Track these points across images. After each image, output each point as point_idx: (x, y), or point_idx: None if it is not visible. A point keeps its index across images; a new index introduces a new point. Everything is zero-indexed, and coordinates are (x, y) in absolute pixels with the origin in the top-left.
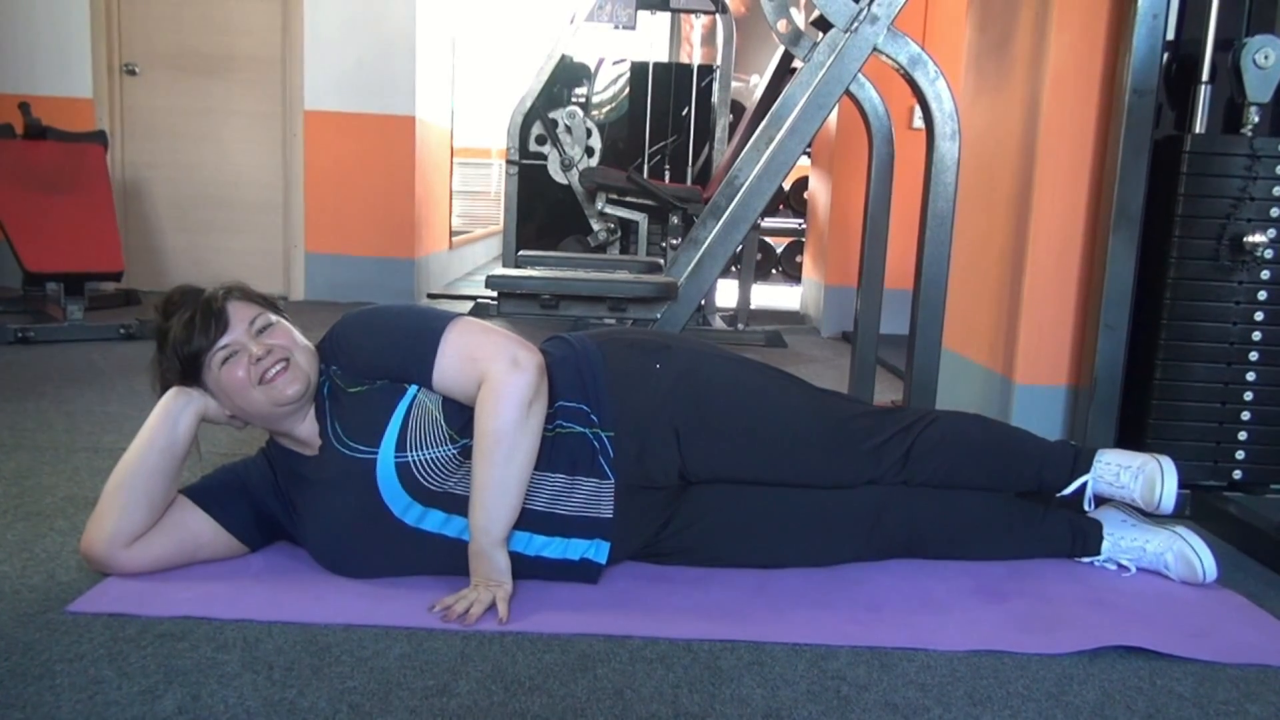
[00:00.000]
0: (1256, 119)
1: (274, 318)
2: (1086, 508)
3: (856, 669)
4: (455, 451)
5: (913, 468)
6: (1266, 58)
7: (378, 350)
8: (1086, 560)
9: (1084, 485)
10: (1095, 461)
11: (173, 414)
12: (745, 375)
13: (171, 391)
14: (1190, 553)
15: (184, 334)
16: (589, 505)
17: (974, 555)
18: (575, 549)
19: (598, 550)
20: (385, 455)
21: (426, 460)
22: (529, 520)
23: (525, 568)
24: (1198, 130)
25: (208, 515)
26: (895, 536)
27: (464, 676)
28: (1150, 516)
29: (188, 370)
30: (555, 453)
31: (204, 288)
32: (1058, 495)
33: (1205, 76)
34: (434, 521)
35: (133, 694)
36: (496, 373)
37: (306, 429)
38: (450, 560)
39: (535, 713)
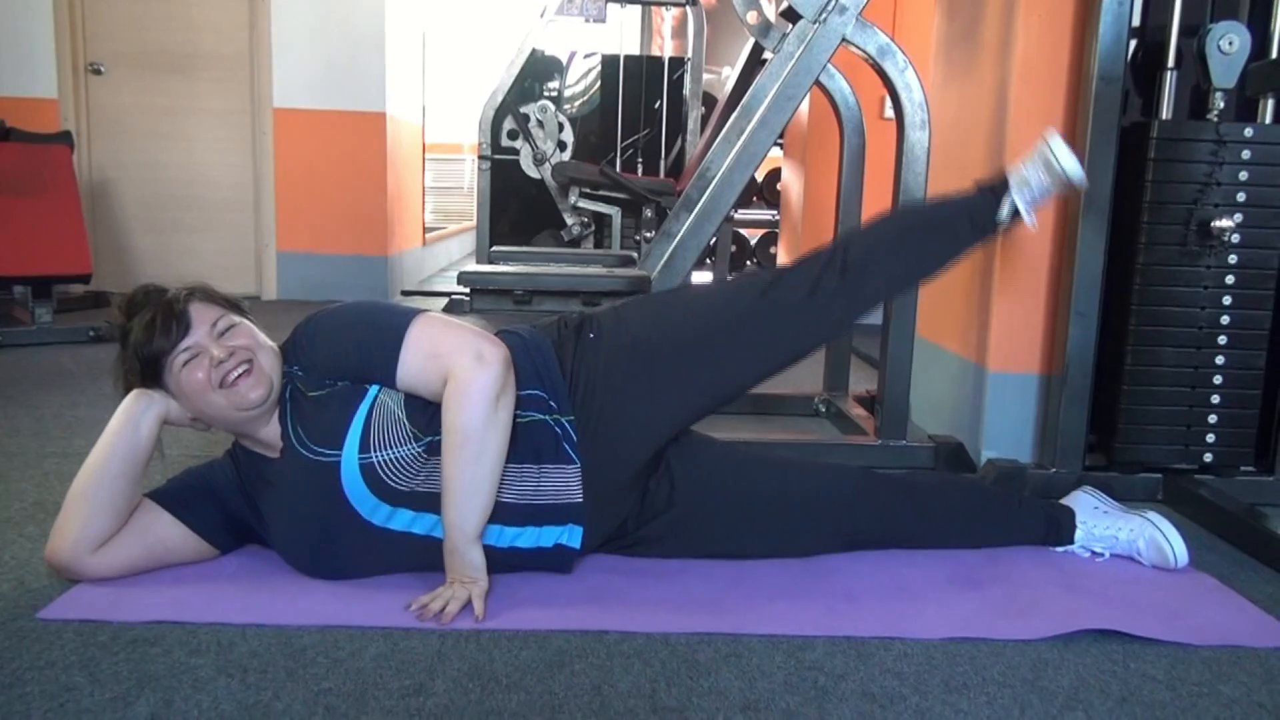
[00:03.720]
0: (1222, 104)
1: (237, 319)
2: (1026, 219)
3: (834, 659)
4: (420, 450)
5: (855, 289)
6: (1230, 43)
7: (341, 350)
8: (1061, 549)
9: (1014, 206)
10: (1013, 176)
11: (134, 417)
12: (665, 304)
13: (133, 394)
14: (1161, 539)
15: (144, 336)
16: (558, 491)
17: (948, 544)
18: (548, 536)
19: (571, 535)
20: (349, 457)
21: (391, 460)
22: (499, 513)
23: (499, 559)
24: (1164, 116)
25: (175, 518)
26: (868, 526)
27: (441, 675)
28: (1123, 501)
29: (148, 372)
30: (519, 442)
31: (167, 288)
32: (999, 227)
33: (1171, 63)
34: (402, 520)
35: (105, 701)
36: (461, 369)
37: (269, 432)
38: (422, 558)
39: (513, 710)
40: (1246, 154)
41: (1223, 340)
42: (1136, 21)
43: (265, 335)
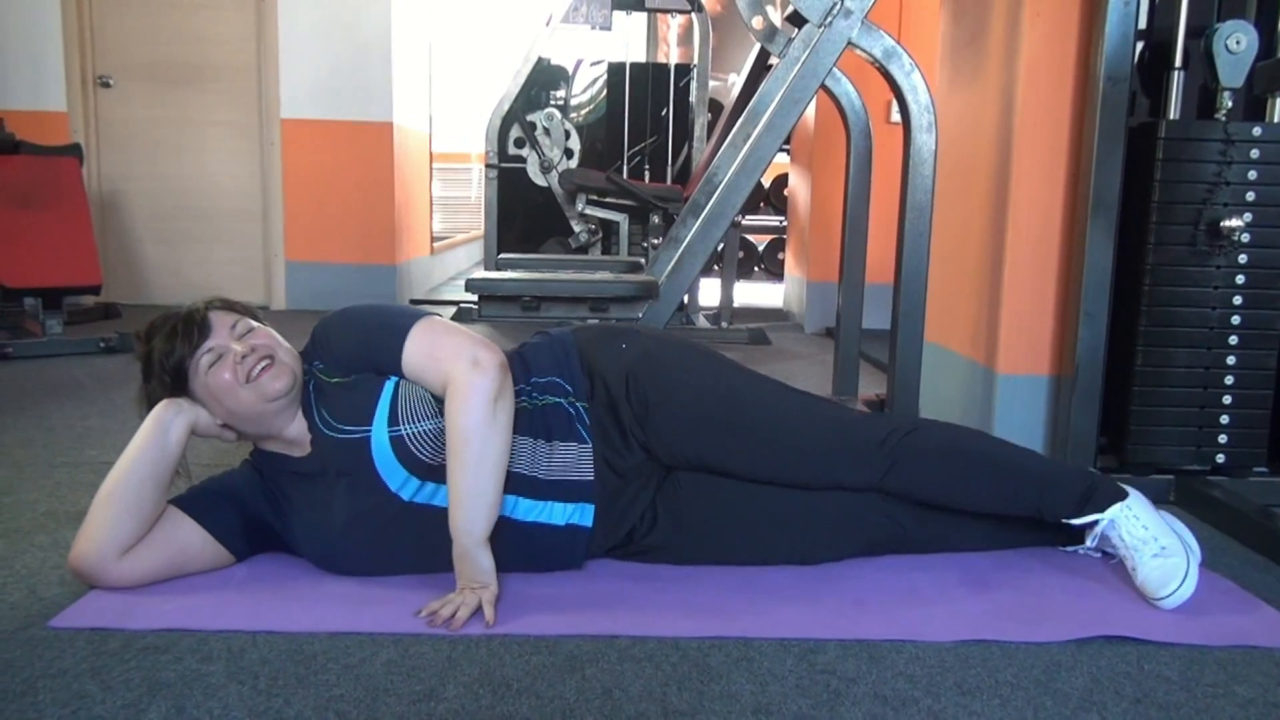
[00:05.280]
0: (1230, 104)
1: (254, 323)
2: (1088, 544)
3: (845, 662)
4: (444, 425)
5: (895, 475)
6: (1238, 42)
7: (350, 349)
8: (1070, 549)
9: (1094, 523)
10: (1123, 506)
11: (164, 423)
12: (708, 364)
13: (162, 403)
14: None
15: (167, 346)
16: (570, 469)
17: (958, 545)
18: (560, 513)
19: (582, 514)
20: (379, 432)
21: (420, 433)
22: (513, 483)
23: (512, 534)
24: (1172, 116)
25: (196, 524)
26: (879, 531)
27: (451, 681)
28: None
29: (176, 381)
30: (534, 421)
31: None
32: (1063, 522)
33: (1178, 63)
34: (427, 493)
35: (117, 708)
36: (458, 374)
37: (297, 428)
38: (446, 535)
39: (524, 715)
40: (1255, 153)
41: (1234, 340)
42: (1143, 22)
43: (282, 339)
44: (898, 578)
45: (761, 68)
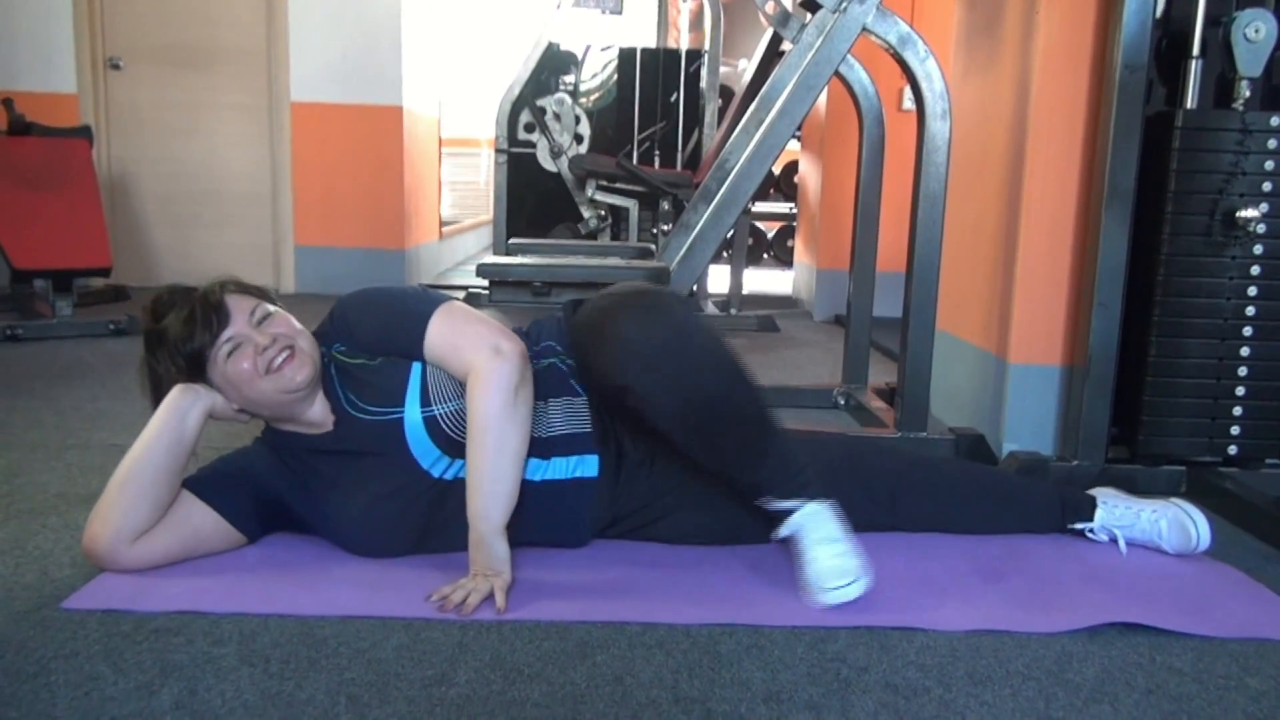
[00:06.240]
0: (1247, 93)
1: (271, 308)
2: (781, 534)
3: (856, 650)
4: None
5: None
6: (1257, 31)
7: (371, 332)
8: (1080, 526)
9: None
10: (816, 501)
11: (181, 410)
12: None
13: (178, 388)
14: (1185, 518)
15: (185, 331)
16: (569, 423)
17: (961, 522)
18: (565, 467)
19: (585, 465)
20: (411, 412)
21: (451, 413)
22: None
23: (521, 496)
24: (1189, 105)
25: (207, 506)
26: (878, 504)
27: (462, 665)
28: (1146, 495)
29: (192, 368)
30: (534, 385)
31: (194, 286)
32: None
33: (1196, 51)
34: (457, 468)
35: (129, 690)
36: (480, 363)
37: (318, 411)
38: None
39: (535, 700)
40: (1272, 143)
41: (1248, 331)
42: (1160, 10)
43: (298, 322)
44: (909, 566)
45: (773, 53)
